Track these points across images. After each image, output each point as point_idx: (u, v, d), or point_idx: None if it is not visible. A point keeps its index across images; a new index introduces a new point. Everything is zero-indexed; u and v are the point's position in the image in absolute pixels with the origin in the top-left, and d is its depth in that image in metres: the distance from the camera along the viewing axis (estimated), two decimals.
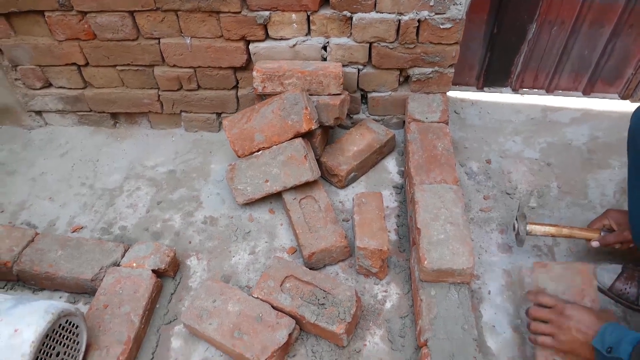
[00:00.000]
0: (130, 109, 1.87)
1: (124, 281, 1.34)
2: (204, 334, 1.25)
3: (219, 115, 1.88)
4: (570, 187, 1.66)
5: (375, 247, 1.33)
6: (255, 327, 1.24)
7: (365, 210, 1.43)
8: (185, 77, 1.74)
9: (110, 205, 1.69)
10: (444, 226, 1.32)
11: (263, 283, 1.33)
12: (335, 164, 1.63)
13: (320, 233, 1.44)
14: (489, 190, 1.67)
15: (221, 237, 1.57)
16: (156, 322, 1.35)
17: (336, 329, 1.22)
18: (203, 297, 1.31)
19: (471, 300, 1.27)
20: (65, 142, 1.92)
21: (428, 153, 1.54)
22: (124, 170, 1.81)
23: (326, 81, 1.56)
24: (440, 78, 1.70)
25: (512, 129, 1.88)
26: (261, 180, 1.55)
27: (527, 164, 1.74)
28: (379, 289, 1.41)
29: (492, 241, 1.52)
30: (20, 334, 0.97)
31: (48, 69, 1.77)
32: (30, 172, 1.81)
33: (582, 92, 1.95)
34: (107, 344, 1.21)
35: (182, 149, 1.88)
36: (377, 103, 1.80)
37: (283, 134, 1.52)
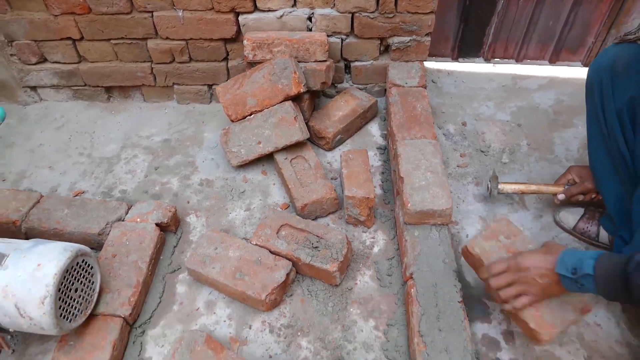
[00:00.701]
0: (124, 82, 1.95)
1: (130, 234, 1.43)
2: (208, 277, 1.35)
3: (210, 87, 1.97)
4: (538, 144, 1.81)
5: (362, 196, 1.45)
6: (255, 269, 1.35)
7: (352, 165, 1.55)
8: (177, 49, 1.82)
9: (109, 171, 1.77)
10: (425, 174, 1.45)
11: (260, 231, 1.44)
12: (322, 127, 1.75)
13: (311, 187, 1.56)
14: (465, 149, 1.80)
15: (217, 196, 1.66)
16: (161, 271, 1.45)
17: (330, 267, 1.34)
18: (205, 245, 1.41)
19: (451, 240, 1.40)
20: (60, 116, 1.99)
21: (408, 113, 1.67)
22: (119, 140, 1.89)
23: (312, 48, 1.67)
24: (418, 46, 1.83)
25: (485, 95, 2.02)
26: (254, 142, 1.66)
27: (499, 125, 1.89)
28: (367, 236, 1.53)
29: (468, 192, 1.66)
30: (43, 268, 1.06)
31: (43, 44, 1.83)
32: (28, 144, 1.88)
33: (549, 60, 2.11)
34: (118, 288, 1.30)
35: (175, 120, 1.97)
36: (360, 72, 1.92)
37: (274, 97, 1.63)
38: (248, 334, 1.31)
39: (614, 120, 1.27)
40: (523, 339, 1.29)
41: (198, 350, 1.18)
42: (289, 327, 1.32)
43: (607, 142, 1.32)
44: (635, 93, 1.21)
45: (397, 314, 1.34)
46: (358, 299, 1.37)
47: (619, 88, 1.24)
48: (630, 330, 1.31)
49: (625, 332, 1.31)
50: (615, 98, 1.26)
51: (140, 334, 1.30)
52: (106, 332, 1.22)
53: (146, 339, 1.30)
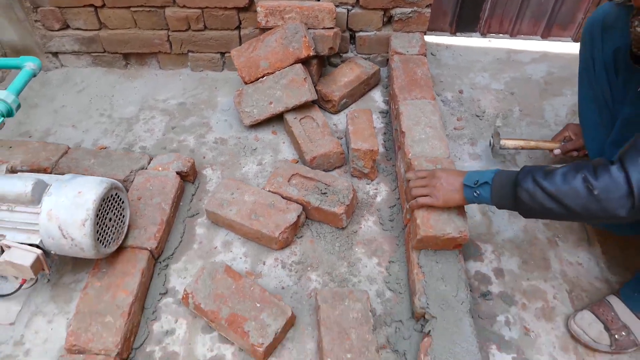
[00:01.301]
0: (141, 49, 2.06)
1: (153, 180, 1.55)
2: (225, 218, 1.48)
3: (222, 54, 2.09)
4: (529, 110, 1.95)
5: (367, 148, 1.58)
6: (269, 211, 1.47)
7: (357, 122, 1.68)
8: (193, 17, 1.94)
9: (129, 130, 1.89)
10: (424, 129, 1.58)
11: (273, 179, 1.57)
12: (329, 91, 1.87)
13: (319, 142, 1.68)
14: (462, 113, 1.94)
15: (231, 153, 1.79)
16: (181, 215, 1.57)
17: (337, 210, 1.47)
18: (222, 191, 1.54)
19: None
20: (80, 81, 2.11)
21: (409, 78, 1.80)
22: (138, 103, 2.01)
23: (321, 16, 1.80)
24: (418, 17, 1.95)
25: (480, 67, 2.15)
26: (266, 103, 1.78)
27: (494, 93, 2.02)
28: (370, 187, 1.66)
29: (464, 152, 1.79)
30: (83, 195, 1.18)
31: (67, 11, 1.94)
32: (51, 105, 1.99)
33: (541, 36, 2.24)
34: (144, 225, 1.42)
35: (189, 86, 2.09)
36: (364, 42, 2.04)
37: (285, 60, 1.75)
38: (262, 269, 1.44)
39: (601, 68, 1.41)
40: (511, 276, 1.43)
41: (219, 278, 1.31)
42: (300, 264, 1.45)
43: (594, 90, 1.45)
44: (619, 45, 1.34)
45: (398, 252, 1.47)
46: (362, 240, 1.50)
47: (607, 40, 1.37)
48: (609, 269, 1.45)
49: (604, 271, 1.45)
50: (604, 49, 1.39)
51: (164, 267, 1.43)
52: (135, 261, 1.34)
53: (169, 271, 1.43)
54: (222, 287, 1.29)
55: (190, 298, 1.28)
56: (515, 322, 1.33)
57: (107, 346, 1.18)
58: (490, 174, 1.16)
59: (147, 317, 1.32)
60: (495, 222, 1.57)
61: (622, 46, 1.32)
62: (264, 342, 1.19)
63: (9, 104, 1.25)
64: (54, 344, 1.27)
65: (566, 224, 1.56)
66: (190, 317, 1.33)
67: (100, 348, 1.17)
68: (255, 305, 1.26)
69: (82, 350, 1.18)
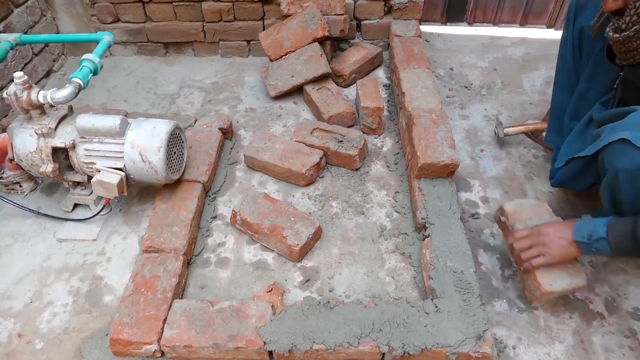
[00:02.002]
0: (179, 38, 2.43)
1: (199, 134, 1.89)
2: (261, 160, 1.81)
3: (248, 42, 2.46)
4: (509, 82, 2.31)
5: (374, 106, 1.93)
6: (296, 155, 1.81)
7: (365, 88, 2.03)
8: (225, 9, 2.32)
9: (172, 103, 2.24)
10: (421, 90, 1.93)
11: (298, 132, 1.91)
12: (340, 68, 2.24)
13: (334, 105, 2.03)
14: (452, 85, 2.29)
15: (260, 119, 2.14)
16: (223, 163, 1.91)
17: (352, 152, 1.80)
18: (257, 141, 1.88)
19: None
20: (127, 67, 2.47)
21: (407, 53, 2.16)
22: (178, 83, 2.37)
23: (333, 4, 2.17)
24: (414, 7, 2.33)
25: (468, 50, 2.52)
26: (288, 76, 2.14)
27: (479, 70, 2.39)
28: (378, 140, 2.00)
29: (455, 113, 2.14)
30: (158, 129, 1.52)
31: (119, 6, 2.32)
32: (104, 85, 2.35)
33: (519, 24, 2.62)
34: (196, 165, 1.76)
35: (220, 69, 2.45)
36: (369, 29, 2.41)
37: (304, 40, 2.12)
38: (292, 200, 1.77)
39: (570, 44, 1.59)
40: (495, 202, 1.76)
41: (259, 201, 1.64)
42: (322, 196, 1.78)
43: (565, 60, 1.66)
44: (584, 25, 1.48)
45: (402, 186, 1.80)
46: (373, 178, 1.84)
47: (578, 18, 1.52)
48: (574, 196, 1.78)
49: (570, 196, 1.78)
50: (574, 26, 1.54)
51: (213, 199, 1.76)
52: (192, 190, 1.68)
53: (217, 202, 1.76)
54: (262, 207, 1.62)
55: (238, 215, 1.61)
56: (498, 234, 1.65)
57: (176, 247, 1.50)
58: (603, 226, 1.15)
59: (202, 234, 1.65)
60: (481, 164, 1.90)
61: (587, 26, 1.44)
62: (299, 243, 1.51)
63: (96, 63, 1.60)
64: (129, 253, 1.60)
65: (540, 164, 1.89)
66: (237, 234, 1.65)
67: (171, 248, 1.49)
68: (290, 219, 1.58)
69: (156, 250, 1.50)
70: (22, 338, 1.36)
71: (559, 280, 1.26)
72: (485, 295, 1.44)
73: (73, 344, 1.35)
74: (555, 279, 1.26)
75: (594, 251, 1.18)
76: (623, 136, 1.14)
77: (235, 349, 1.23)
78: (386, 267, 1.53)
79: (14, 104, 1.49)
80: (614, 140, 1.17)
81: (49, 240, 1.63)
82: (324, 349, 1.21)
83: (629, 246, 1.12)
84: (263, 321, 1.27)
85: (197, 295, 1.46)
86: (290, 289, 1.47)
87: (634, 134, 1.13)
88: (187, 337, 1.25)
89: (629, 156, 1.13)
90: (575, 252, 1.21)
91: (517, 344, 1.33)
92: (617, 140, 1.16)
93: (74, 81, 1.51)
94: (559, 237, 1.21)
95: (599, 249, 1.16)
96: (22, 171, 1.72)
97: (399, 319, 1.26)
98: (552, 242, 1.22)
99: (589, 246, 1.17)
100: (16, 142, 1.56)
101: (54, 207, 1.73)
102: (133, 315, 1.30)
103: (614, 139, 1.17)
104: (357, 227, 1.65)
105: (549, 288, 1.26)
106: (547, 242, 1.23)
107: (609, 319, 1.39)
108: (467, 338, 1.21)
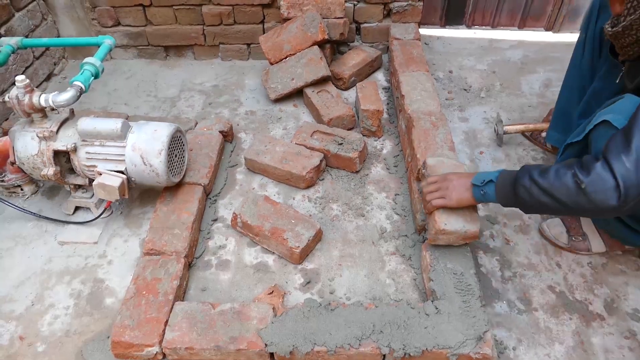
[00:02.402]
0: (180, 42, 2.44)
1: (200, 137, 1.90)
2: (261, 163, 1.82)
3: (248, 45, 2.47)
4: (508, 84, 2.32)
5: (374, 109, 1.94)
6: (296, 158, 1.82)
7: (365, 91, 2.04)
8: (225, 13, 2.33)
9: (173, 106, 2.25)
10: (420, 93, 1.94)
11: (298, 135, 1.92)
12: (340, 71, 2.25)
13: (334, 108, 2.04)
14: (452, 88, 2.31)
15: (260, 121, 2.15)
16: (224, 165, 1.91)
17: (352, 155, 1.81)
18: (257, 144, 1.89)
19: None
20: (128, 70, 2.48)
21: (407, 56, 2.17)
22: (178, 86, 2.38)
23: (333, 7, 2.18)
24: (413, 10, 2.34)
25: (467, 52, 2.54)
26: (288, 79, 2.15)
27: (478, 72, 2.40)
28: (377, 143, 2.01)
29: (454, 116, 2.15)
30: (159, 132, 1.53)
31: (119, 9, 2.33)
32: (105, 89, 2.36)
33: (517, 27, 2.64)
34: (197, 168, 1.77)
35: (220, 72, 2.46)
36: (368, 32, 2.43)
37: (304, 43, 2.13)
38: (292, 203, 1.77)
39: (588, 43, 1.59)
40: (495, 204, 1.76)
41: (260, 204, 1.65)
42: (323, 198, 1.79)
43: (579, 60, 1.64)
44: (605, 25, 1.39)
45: (402, 188, 1.81)
46: (373, 181, 1.85)
47: (600, 18, 1.51)
48: None
49: None
50: (596, 25, 1.54)
51: (213, 202, 1.77)
52: (192, 193, 1.68)
53: (218, 205, 1.77)
54: (263, 210, 1.62)
55: (238, 218, 1.62)
56: (498, 236, 1.66)
57: (177, 249, 1.50)
58: (496, 173, 1.26)
59: (203, 236, 1.65)
60: (480, 166, 1.91)
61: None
62: (299, 245, 1.52)
63: (97, 67, 1.61)
64: (130, 256, 1.60)
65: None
66: (238, 236, 1.66)
67: (172, 250, 1.50)
68: (291, 221, 1.59)
69: (157, 253, 1.50)
70: (23, 341, 1.37)
71: (454, 223, 1.35)
72: (485, 297, 1.44)
73: (75, 346, 1.35)
74: (452, 220, 1.35)
75: (482, 195, 1.26)
76: (605, 118, 1.19)
77: (237, 351, 1.24)
78: (386, 269, 1.53)
79: (15, 107, 1.50)
80: (597, 122, 1.22)
81: (50, 243, 1.64)
82: (325, 351, 1.22)
83: (509, 191, 1.20)
84: (264, 323, 1.28)
85: (198, 298, 1.46)
86: (291, 291, 1.48)
87: (615, 116, 1.17)
88: (189, 339, 1.25)
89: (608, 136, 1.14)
90: (470, 197, 1.29)
91: (517, 345, 1.34)
92: (601, 123, 1.21)
93: (76, 84, 1.52)
94: (460, 184, 1.31)
95: (487, 194, 1.25)
96: (23, 174, 1.73)
97: (399, 320, 1.26)
98: (454, 187, 1.31)
99: (480, 189, 1.26)
100: (18, 145, 1.56)
101: (55, 210, 1.74)
102: (134, 318, 1.31)
103: (597, 121, 1.22)
104: (358, 230, 1.66)
105: (443, 226, 1.34)
106: (449, 187, 1.32)
107: (609, 320, 1.39)
108: (468, 339, 1.21)
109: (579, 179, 1.07)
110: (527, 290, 1.48)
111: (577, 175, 1.08)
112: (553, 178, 1.11)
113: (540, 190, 1.13)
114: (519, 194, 1.18)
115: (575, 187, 1.08)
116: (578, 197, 1.08)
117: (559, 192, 1.10)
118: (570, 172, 1.09)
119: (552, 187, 1.11)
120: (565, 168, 1.11)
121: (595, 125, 1.23)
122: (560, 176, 1.11)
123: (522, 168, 1.20)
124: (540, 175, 1.14)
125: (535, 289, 1.48)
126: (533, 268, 1.54)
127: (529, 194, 1.15)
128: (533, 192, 1.15)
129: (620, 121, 1.15)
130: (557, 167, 1.13)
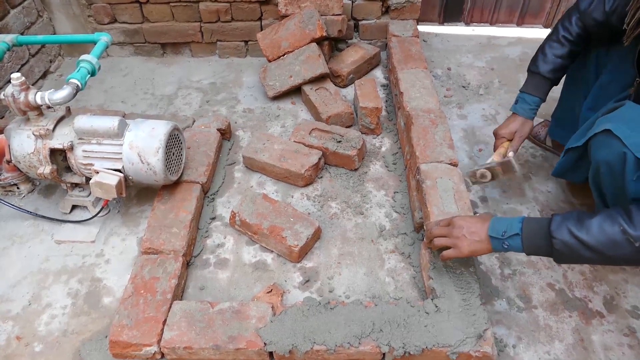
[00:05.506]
0: (177, 39, 2.43)
1: (198, 135, 1.89)
2: (260, 161, 1.81)
3: (246, 43, 2.46)
4: (507, 81, 2.31)
5: (373, 106, 1.93)
6: (295, 155, 1.81)
7: (364, 88, 2.03)
8: (222, 10, 2.31)
9: (170, 104, 2.23)
10: (419, 90, 1.93)
11: (296, 132, 1.91)
12: (338, 68, 2.23)
13: (333, 105, 2.03)
14: (450, 85, 2.30)
15: (258, 119, 2.13)
16: (222, 163, 1.90)
17: (350, 152, 1.80)
18: (255, 142, 1.88)
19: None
20: (124, 67, 2.47)
21: (405, 53, 2.16)
22: (175, 83, 2.36)
23: (331, 4, 2.17)
24: (411, 7, 2.33)
25: (465, 49, 2.53)
26: (286, 77, 2.13)
27: (477, 69, 2.39)
28: (376, 140, 2.00)
29: (453, 113, 2.14)
30: (156, 130, 1.51)
31: (115, 6, 2.31)
32: (102, 86, 2.35)
33: (516, 23, 2.63)
34: (195, 166, 1.75)
35: (218, 70, 2.45)
36: (366, 29, 2.42)
37: (302, 40, 2.12)
38: (291, 201, 1.77)
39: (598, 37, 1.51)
40: (493, 201, 1.76)
41: (258, 202, 1.64)
42: (321, 196, 1.78)
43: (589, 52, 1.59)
44: None
45: (401, 186, 1.80)
46: (372, 179, 1.84)
47: None
48: (572, 195, 1.79)
49: (569, 195, 1.79)
50: None
51: (211, 200, 1.76)
52: (190, 191, 1.67)
53: (216, 203, 1.76)
54: (261, 208, 1.61)
55: (237, 216, 1.61)
56: None
57: (175, 248, 1.49)
58: (518, 223, 1.15)
59: (202, 235, 1.64)
60: (479, 163, 1.90)
61: None
62: (298, 243, 1.51)
63: (94, 64, 1.60)
64: (128, 255, 1.59)
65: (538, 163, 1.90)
66: (236, 235, 1.65)
67: (170, 249, 1.49)
68: (289, 219, 1.58)
69: (155, 252, 1.49)
70: (20, 341, 1.36)
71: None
72: (485, 295, 1.44)
73: (72, 346, 1.34)
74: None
75: (505, 248, 1.17)
76: (606, 127, 1.16)
77: (236, 350, 1.23)
78: (386, 267, 1.53)
79: (11, 105, 1.48)
80: (598, 131, 1.19)
81: (47, 242, 1.63)
82: (325, 350, 1.21)
83: (542, 244, 1.12)
84: (263, 322, 1.27)
85: (196, 297, 1.46)
86: (290, 290, 1.47)
87: (617, 124, 1.14)
88: (187, 338, 1.25)
89: (609, 147, 1.13)
90: (487, 248, 1.20)
91: (517, 343, 1.34)
92: (602, 132, 1.18)
93: (72, 82, 1.50)
94: (473, 234, 1.20)
95: (511, 246, 1.16)
96: (19, 173, 1.71)
97: (399, 319, 1.26)
98: (464, 237, 1.21)
99: (501, 242, 1.17)
100: (14, 143, 1.55)
101: (52, 208, 1.72)
102: (132, 317, 1.30)
103: (598, 130, 1.18)
104: (357, 228, 1.65)
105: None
106: (459, 236, 1.22)
107: (608, 317, 1.39)
108: (468, 337, 1.21)
109: (630, 235, 1.01)
110: (527, 287, 1.47)
111: (626, 231, 1.02)
112: (597, 233, 1.04)
113: (583, 246, 1.06)
114: (555, 247, 1.10)
115: (626, 243, 1.02)
116: (630, 252, 1.02)
117: (606, 247, 1.04)
118: (617, 228, 1.03)
119: (598, 243, 1.04)
120: (609, 221, 1.04)
121: (595, 133, 1.21)
122: (605, 232, 1.04)
123: (554, 219, 1.11)
124: (580, 230, 1.06)
125: (534, 286, 1.48)
126: (532, 266, 1.54)
127: (569, 249, 1.08)
128: (573, 248, 1.07)
129: (621, 130, 1.13)
130: (599, 221, 1.05)
